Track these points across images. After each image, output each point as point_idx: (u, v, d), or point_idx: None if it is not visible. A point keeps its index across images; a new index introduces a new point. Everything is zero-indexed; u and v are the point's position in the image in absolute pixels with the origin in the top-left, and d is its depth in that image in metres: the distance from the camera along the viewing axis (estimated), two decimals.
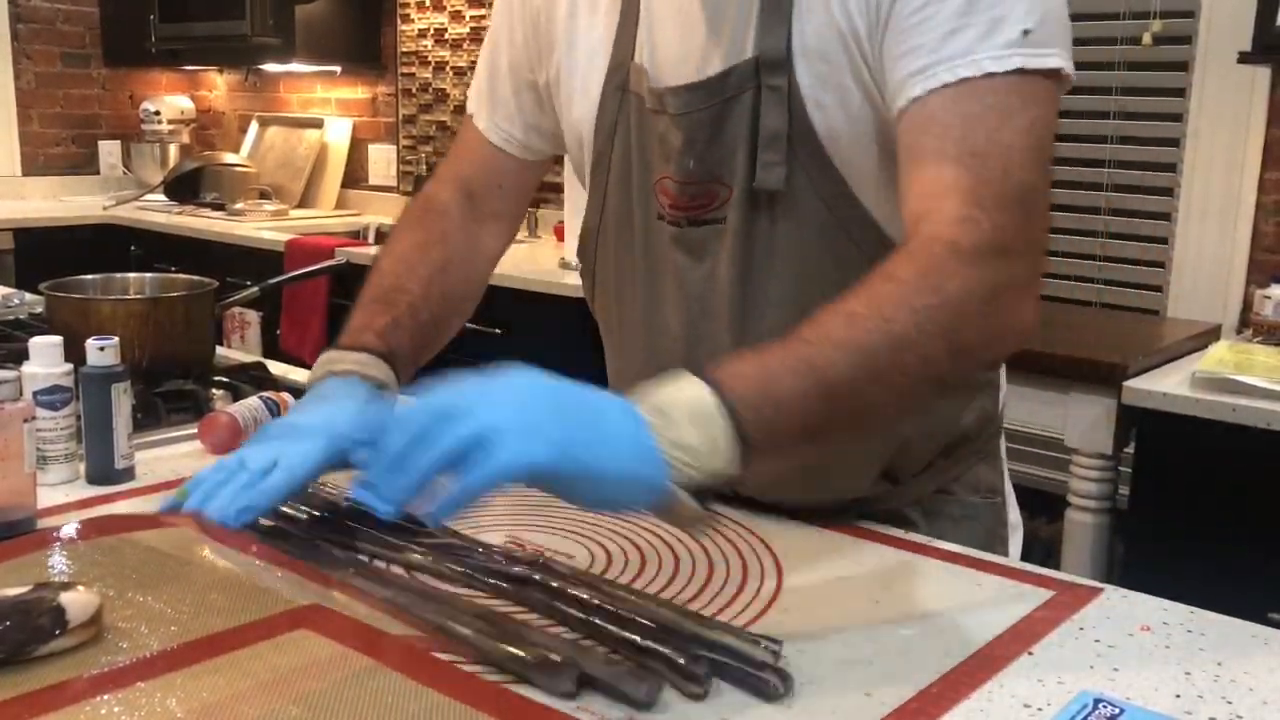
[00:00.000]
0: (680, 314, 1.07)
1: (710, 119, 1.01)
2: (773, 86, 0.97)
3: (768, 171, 0.98)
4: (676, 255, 1.07)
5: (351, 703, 0.73)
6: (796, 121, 0.97)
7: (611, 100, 1.09)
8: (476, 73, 1.25)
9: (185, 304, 1.55)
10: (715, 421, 0.76)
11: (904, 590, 0.96)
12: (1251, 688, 0.80)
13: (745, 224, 1.02)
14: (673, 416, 0.76)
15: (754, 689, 0.77)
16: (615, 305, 1.16)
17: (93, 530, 1.02)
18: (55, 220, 4.08)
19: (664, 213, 1.07)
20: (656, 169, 1.06)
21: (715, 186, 1.02)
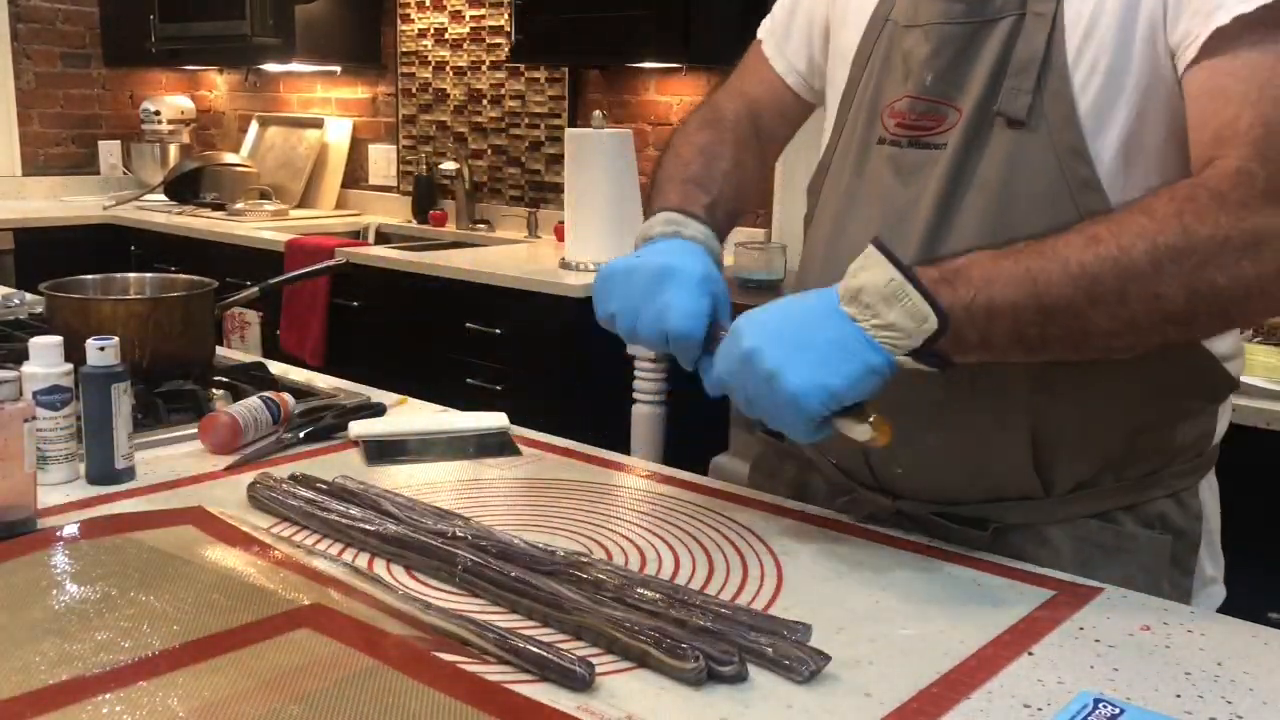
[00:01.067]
0: (869, 236, 0.98)
1: (962, 35, 0.99)
2: (1038, 13, 0.95)
3: (1011, 98, 0.95)
4: (886, 177, 1.04)
5: (352, 702, 0.73)
6: (1052, 55, 0.94)
7: (874, 28, 1.09)
8: (777, 5, 1.25)
9: (185, 304, 1.55)
10: (907, 300, 0.86)
11: (904, 590, 0.96)
12: (1251, 688, 0.80)
13: (964, 153, 0.98)
14: (871, 304, 0.87)
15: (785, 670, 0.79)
16: (811, 238, 1.14)
17: (94, 530, 1.02)
18: (55, 220, 4.08)
19: (886, 135, 1.04)
20: (890, 92, 1.05)
21: (946, 108, 1.00)
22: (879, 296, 0.87)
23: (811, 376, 0.88)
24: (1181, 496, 1.04)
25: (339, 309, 3.42)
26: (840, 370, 0.88)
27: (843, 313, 0.89)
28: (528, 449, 1.35)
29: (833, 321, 0.89)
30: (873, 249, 0.89)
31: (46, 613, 0.85)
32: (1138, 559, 1.01)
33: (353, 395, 1.52)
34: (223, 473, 1.23)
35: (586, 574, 0.91)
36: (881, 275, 0.87)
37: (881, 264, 0.87)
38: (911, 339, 0.86)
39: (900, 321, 0.86)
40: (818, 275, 1.06)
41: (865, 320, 0.88)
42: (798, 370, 0.88)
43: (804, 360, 0.88)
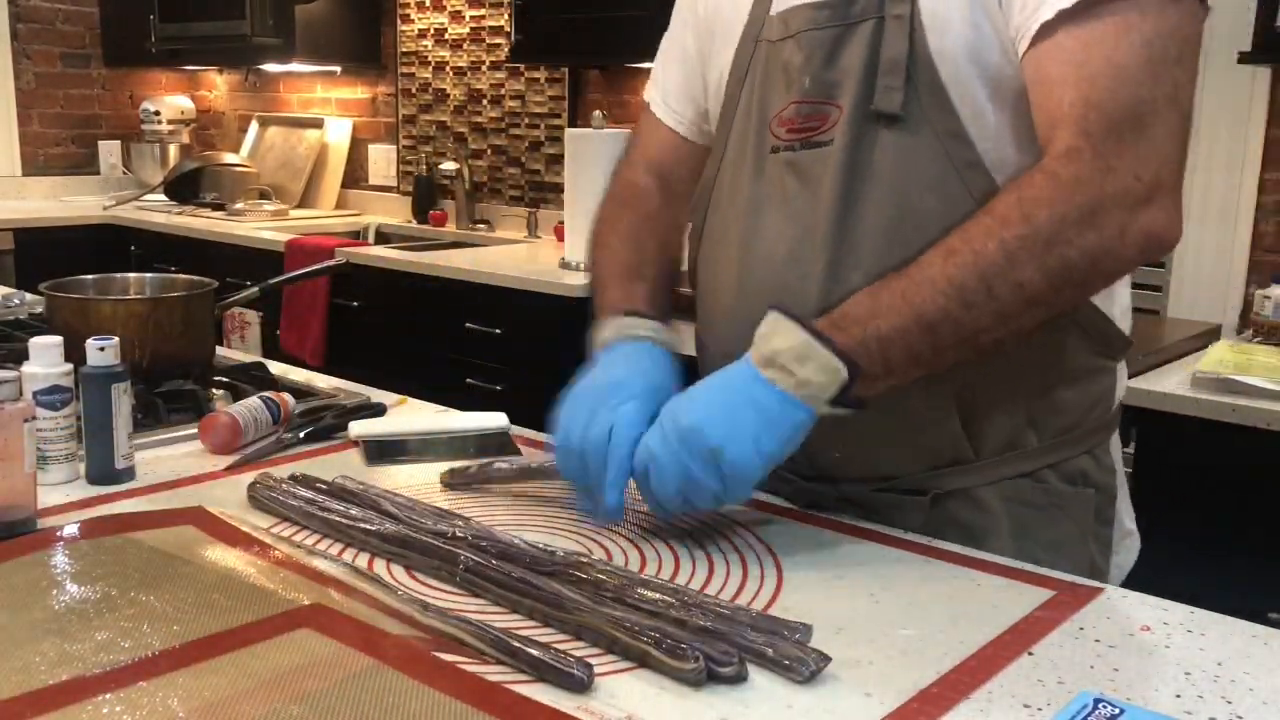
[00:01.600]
0: (783, 239, 1.08)
1: (829, 39, 1.05)
2: (896, 16, 1.01)
3: (885, 96, 1.01)
4: (787, 181, 1.09)
5: (352, 702, 0.73)
6: (917, 51, 1.00)
7: (746, 49, 1.14)
8: (656, 60, 1.32)
9: (185, 304, 1.55)
10: (818, 357, 0.93)
11: (904, 590, 0.96)
12: (1251, 688, 0.80)
13: (852, 147, 1.04)
14: (786, 365, 0.94)
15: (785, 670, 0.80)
16: (713, 251, 1.18)
17: (94, 530, 1.02)
18: (55, 220, 4.08)
19: (779, 143, 1.10)
20: (774, 104, 1.10)
21: (827, 107, 1.06)
22: (793, 357, 0.93)
23: (753, 446, 0.94)
24: (1096, 453, 1.12)
25: (339, 309, 3.42)
26: (775, 435, 0.94)
27: (763, 378, 0.95)
28: (528, 449, 1.35)
29: (758, 389, 0.95)
30: (776, 314, 0.96)
31: (46, 613, 0.85)
32: (1068, 514, 1.08)
33: (353, 395, 1.52)
34: (223, 473, 1.23)
35: (586, 574, 0.91)
36: (792, 337, 0.94)
37: (789, 327, 0.95)
38: (828, 390, 0.93)
39: (815, 378, 0.93)
40: (734, 283, 1.12)
41: (785, 382, 0.94)
42: (739, 442, 0.94)
43: (741, 432, 0.94)
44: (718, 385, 0.98)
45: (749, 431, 0.94)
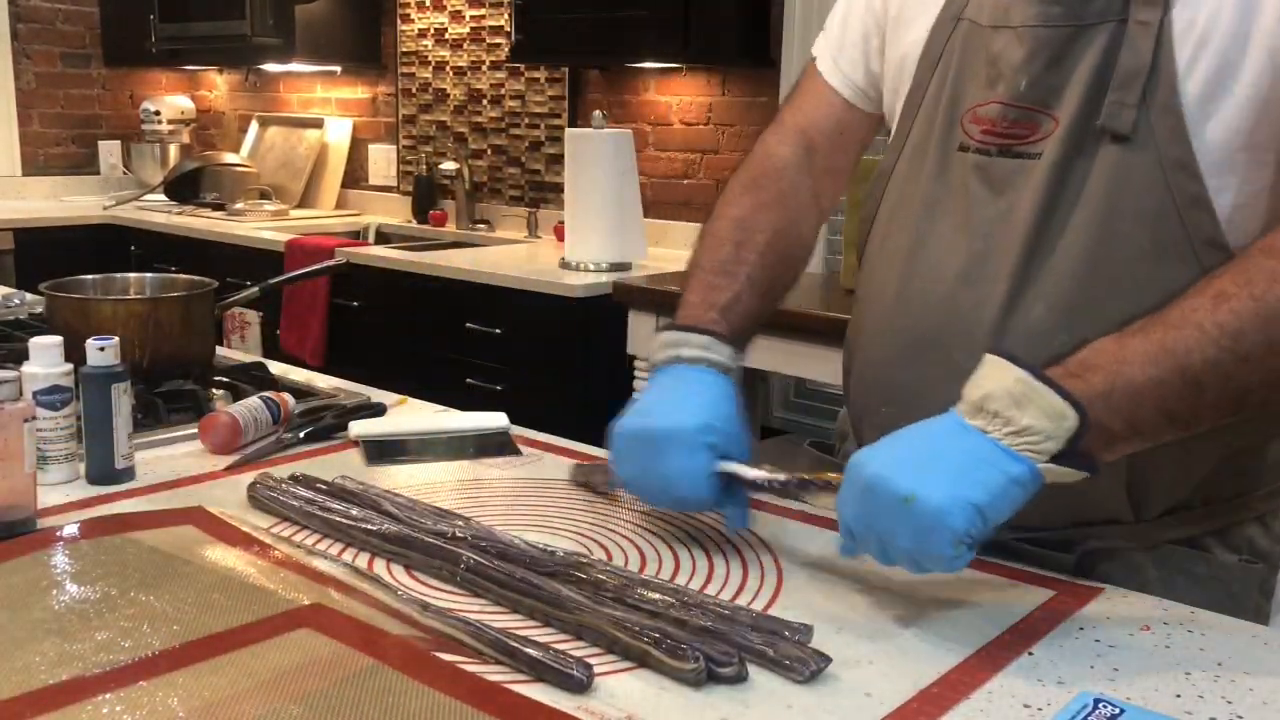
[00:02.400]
0: (958, 252, 0.98)
1: (1059, 39, 0.94)
2: (1142, 22, 0.89)
3: (1115, 113, 0.90)
4: (974, 186, 0.98)
5: (352, 702, 0.73)
6: (1160, 66, 0.89)
7: (943, 28, 1.04)
8: (830, 17, 1.20)
9: (185, 304, 1.55)
10: (1040, 399, 0.79)
11: (904, 590, 0.95)
12: (1251, 688, 0.80)
13: (1063, 165, 0.93)
14: (1000, 412, 0.81)
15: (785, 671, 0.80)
16: (879, 244, 1.08)
17: (94, 530, 1.02)
18: (55, 220, 4.08)
19: (970, 142, 0.99)
20: (971, 96, 1.00)
21: (1041, 116, 0.95)
22: (1009, 401, 0.80)
23: (952, 491, 0.80)
24: (1266, 520, 1.02)
25: (339, 309, 3.42)
26: (980, 482, 0.80)
27: (970, 427, 0.82)
28: (528, 449, 1.35)
29: (961, 438, 0.82)
30: (990, 357, 0.84)
31: (46, 613, 0.85)
32: (1228, 590, 0.98)
33: (353, 395, 1.52)
34: (223, 473, 1.23)
35: (587, 574, 0.91)
36: (1006, 377, 0.81)
37: (1004, 367, 0.82)
38: (1052, 440, 0.80)
39: (1036, 423, 0.80)
40: (894, 292, 1.02)
41: (997, 430, 0.81)
42: (936, 486, 0.80)
43: (938, 477, 0.80)
44: (911, 435, 0.85)
45: (945, 479, 0.80)
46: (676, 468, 0.96)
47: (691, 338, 1.03)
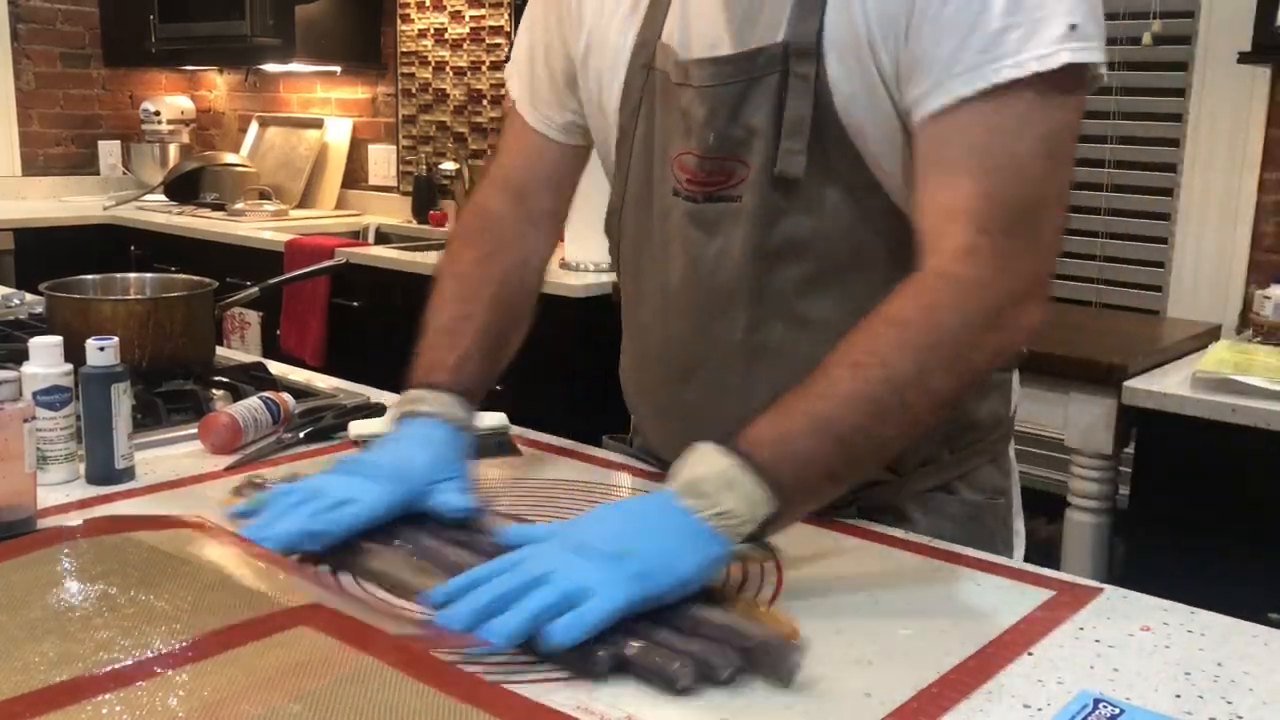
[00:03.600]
0: (698, 289, 1.08)
1: (733, 95, 1.02)
2: (800, 74, 0.98)
3: (789, 159, 0.99)
4: (690, 230, 1.07)
5: (351, 701, 0.73)
6: (822, 111, 0.98)
7: (637, 77, 1.10)
8: (515, 58, 1.25)
9: (185, 304, 1.55)
10: (744, 485, 0.85)
11: (904, 590, 0.96)
12: (1251, 688, 0.80)
13: (762, 205, 1.02)
14: (709, 493, 0.85)
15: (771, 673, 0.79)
16: (634, 281, 1.17)
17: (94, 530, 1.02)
18: (55, 220, 4.08)
19: (680, 188, 1.07)
20: (676, 144, 1.07)
21: (733, 164, 1.03)
22: (720, 484, 0.85)
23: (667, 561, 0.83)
24: (998, 460, 1.18)
25: (339, 309, 3.42)
26: (693, 561, 0.84)
27: (680, 507, 0.85)
28: (528, 449, 1.35)
29: (674, 516, 0.85)
30: (702, 445, 0.88)
31: (46, 613, 0.85)
32: (981, 524, 1.13)
33: (353, 395, 1.52)
34: (223, 473, 1.23)
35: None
36: (716, 463, 0.86)
37: (712, 452, 0.87)
38: (748, 525, 0.85)
39: (738, 508, 0.85)
40: (657, 318, 1.10)
41: (706, 510, 0.85)
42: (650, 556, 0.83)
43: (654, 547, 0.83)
44: (623, 510, 0.91)
45: (664, 548, 0.83)
46: None
47: (426, 395, 1.09)
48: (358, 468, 1.02)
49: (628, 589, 0.80)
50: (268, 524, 0.97)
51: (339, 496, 0.98)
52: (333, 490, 0.99)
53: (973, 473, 1.17)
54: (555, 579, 0.80)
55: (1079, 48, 0.89)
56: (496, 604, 0.80)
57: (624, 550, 0.82)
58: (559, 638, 0.77)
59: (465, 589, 0.82)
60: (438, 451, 1.04)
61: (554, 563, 0.82)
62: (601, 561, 0.81)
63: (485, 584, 0.82)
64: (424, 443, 1.04)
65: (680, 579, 0.83)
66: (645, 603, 0.81)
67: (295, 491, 1.00)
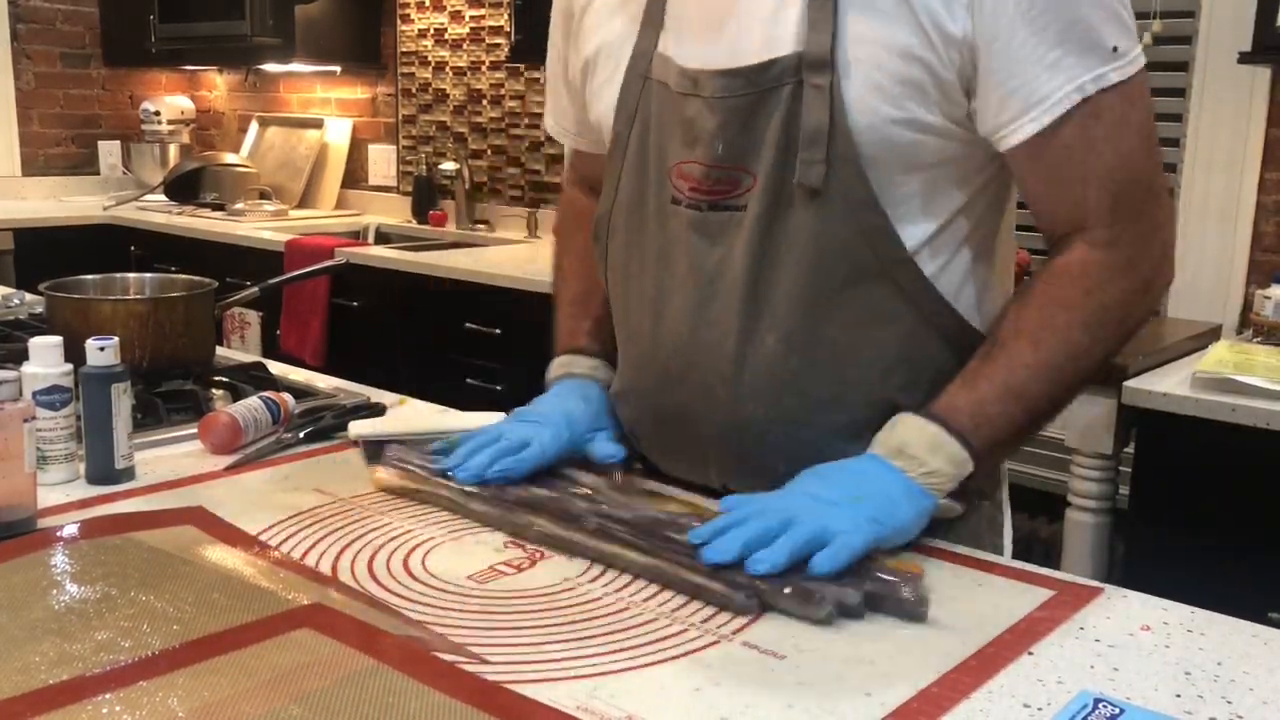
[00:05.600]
0: (689, 297, 1.09)
1: (745, 106, 1.03)
2: (816, 85, 0.99)
3: (808, 170, 1.00)
4: (692, 239, 1.09)
5: (352, 702, 0.73)
6: (836, 124, 0.99)
7: (633, 86, 1.12)
8: (548, 100, 1.34)
9: (185, 304, 1.55)
10: (949, 447, 0.99)
11: None
12: (1251, 688, 0.80)
13: (767, 215, 1.04)
14: (918, 456, 0.99)
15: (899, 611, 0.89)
16: (623, 287, 1.19)
17: (94, 530, 1.02)
18: (55, 220, 4.08)
19: (681, 197, 1.09)
20: (675, 154, 1.09)
21: (739, 174, 1.05)
22: (924, 447, 0.99)
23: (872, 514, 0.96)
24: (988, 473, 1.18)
25: (339, 309, 3.42)
26: (901, 513, 0.98)
27: (893, 467, 0.99)
28: None
29: (887, 475, 0.99)
30: (905, 415, 1.02)
31: (46, 613, 0.85)
32: (966, 525, 1.13)
33: (353, 395, 1.52)
34: (223, 473, 1.23)
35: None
36: (921, 428, 1.00)
37: (915, 420, 1.01)
38: (952, 482, 1.00)
39: (944, 467, 0.99)
40: (649, 332, 1.14)
41: (914, 470, 0.99)
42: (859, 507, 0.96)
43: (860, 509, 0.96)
44: (841, 468, 1.01)
45: (888, 496, 0.98)
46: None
47: (577, 359, 1.27)
48: (531, 415, 1.18)
49: (869, 529, 0.94)
50: (462, 460, 1.12)
51: (521, 438, 1.14)
52: (514, 433, 1.15)
53: (955, 493, 1.15)
54: (804, 519, 0.93)
55: (1132, 48, 0.99)
56: (754, 543, 0.92)
57: (855, 496, 0.96)
58: (823, 568, 0.90)
59: (724, 529, 0.94)
60: (593, 406, 1.20)
61: (798, 509, 0.95)
62: (839, 507, 0.95)
63: (740, 525, 0.94)
64: (583, 398, 1.21)
65: (903, 526, 0.98)
66: (880, 543, 0.95)
67: (484, 433, 1.16)
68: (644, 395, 1.17)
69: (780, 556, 0.91)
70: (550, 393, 1.24)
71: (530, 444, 1.13)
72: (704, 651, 0.84)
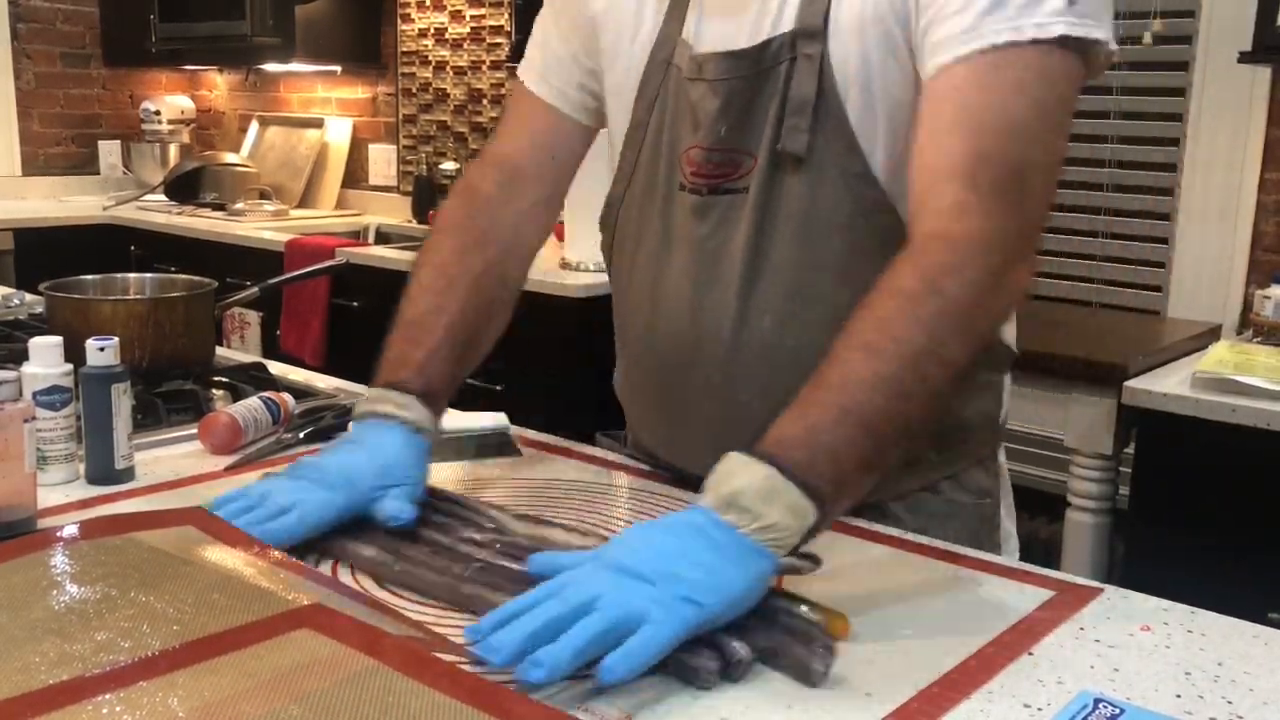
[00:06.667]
0: (691, 281, 1.09)
1: (746, 87, 1.03)
2: (808, 55, 0.99)
3: (792, 136, 1.00)
4: (693, 224, 1.08)
5: (352, 702, 0.73)
6: (826, 92, 0.99)
7: (656, 71, 1.12)
8: (530, 40, 1.23)
9: (185, 304, 1.55)
10: (787, 494, 0.82)
11: (904, 590, 0.96)
12: (1251, 688, 0.80)
13: (765, 195, 1.03)
14: (749, 507, 0.81)
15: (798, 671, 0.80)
16: (628, 275, 1.18)
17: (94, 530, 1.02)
18: (55, 220, 4.08)
19: (686, 182, 1.09)
20: (685, 139, 1.09)
21: (741, 155, 1.05)
22: (757, 496, 0.81)
23: (714, 578, 0.79)
24: (986, 462, 1.18)
25: (339, 309, 3.42)
26: (742, 577, 0.81)
27: (723, 523, 0.82)
28: (528, 449, 1.35)
29: (715, 533, 0.81)
30: (734, 455, 0.85)
31: (46, 613, 0.85)
32: (965, 523, 1.13)
33: (353, 395, 1.52)
34: (223, 473, 1.23)
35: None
36: (755, 474, 0.82)
37: (748, 463, 0.83)
38: (794, 536, 0.82)
39: (782, 519, 0.81)
40: (645, 319, 1.12)
41: (747, 524, 0.81)
42: (695, 572, 0.79)
43: (696, 567, 0.79)
44: (662, 529, 0.84)
45: (711, 567, 0.79)
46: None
47: (387, 394, 1.06)
48: (306, 472, 1.01)
49: (681, 613, 0.76)
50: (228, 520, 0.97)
51: (281, 504, 0.98)
52: (277, 496, 0.99)
53: (960, 474, 1.17)
54: (603, 605, 0.76)
55: (1075, 22, 0.91)
56: (542, 634, 0.75)
57: (670, 572, 0.78)
58: (618, 674, 0.74)
59: (507, 619, 0.78)
60: (390, 456, 1.01)
61: (599, 587, 0.78)
62: (649, 585, 0.77)
63: (528, 613, 0.77)
64: (374, 448, 1.02)
65: (730, 599, 0.79)
66: (699, 627, 0.78)
67: (241, 496, 1.00)
68: (644, 384, 1.17)
69: (564, 655, 0.74)
70: (341, 441, 1.08)
71: (290, 511, 0.97)
72: None
